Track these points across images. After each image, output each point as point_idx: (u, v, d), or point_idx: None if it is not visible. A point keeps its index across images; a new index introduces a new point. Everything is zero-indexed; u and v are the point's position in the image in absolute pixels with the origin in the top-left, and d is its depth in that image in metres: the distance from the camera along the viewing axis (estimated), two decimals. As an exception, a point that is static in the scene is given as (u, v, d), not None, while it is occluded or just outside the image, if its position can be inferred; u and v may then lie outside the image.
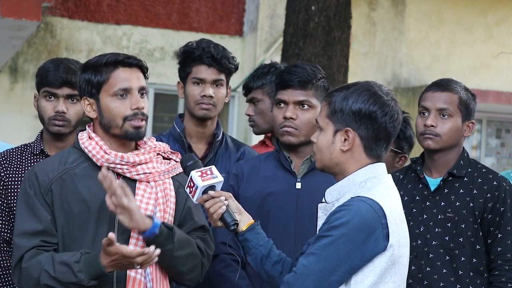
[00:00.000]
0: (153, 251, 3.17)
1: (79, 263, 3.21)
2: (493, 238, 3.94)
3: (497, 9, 12.05)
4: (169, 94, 10.97)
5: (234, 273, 3.77)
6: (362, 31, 11.64)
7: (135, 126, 3.37)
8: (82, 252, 3.25)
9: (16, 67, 10.73)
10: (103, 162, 3.36)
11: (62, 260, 3.24)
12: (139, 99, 3.38)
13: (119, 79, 3.37)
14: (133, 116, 3.36)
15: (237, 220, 3.18)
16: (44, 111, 4.02)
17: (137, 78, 3.41)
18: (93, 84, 3.38)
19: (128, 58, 3.40)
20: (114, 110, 3.36)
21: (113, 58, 3.38)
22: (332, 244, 2.87)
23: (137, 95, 3.38)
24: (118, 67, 3.38)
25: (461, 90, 4.07)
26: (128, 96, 3.37)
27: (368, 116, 2.99)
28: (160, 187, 3.42)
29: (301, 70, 3.88)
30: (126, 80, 3.37)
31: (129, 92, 3.37)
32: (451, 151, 4.07)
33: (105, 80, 3.37)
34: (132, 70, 3.40)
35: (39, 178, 3.37)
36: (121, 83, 3.36)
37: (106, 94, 3.37)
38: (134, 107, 3.36)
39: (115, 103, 3.37)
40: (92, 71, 3.39)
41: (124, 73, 3.38)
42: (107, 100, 3.37)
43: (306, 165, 3.90)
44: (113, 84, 3.36)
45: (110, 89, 3.37)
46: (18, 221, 3.38)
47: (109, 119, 3.38)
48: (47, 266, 3.25)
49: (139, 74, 3.43)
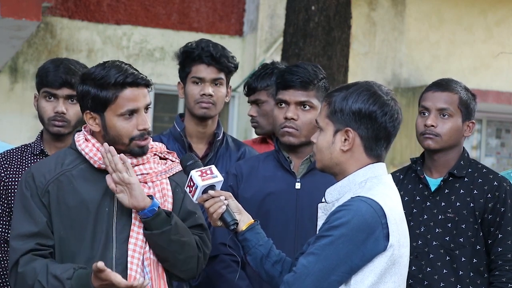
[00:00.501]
0: (141, 283, 3.19)
1: (71, 280, 3.21)
2: (493, 239, 3.94)
3: (497, 9, 12.05)
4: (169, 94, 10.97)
5: (233, 273, 3.76)
6: (362, 31, 11.64)
7: (141, 145, 3.37)
8: (76, 267, 3.24)
9: (16, 67, 10.73)
10: (100, 164, 3.36)
11: (55, 274, 3.23)
12: (146, 119, 3.36)
13: (127, 100, 3.32)
14: (140, 137, 3.35)
15: (237, 220, 3.18)
16: (44, 112, 4.02)
17: (144, 97, 3.36)
18: (99, 100, 3.33)
19: (137, 79, 3.34)
20: (121, 131, 3.34)
21: (121, 78, 3.31)
22: (332, 244, 2.87)
23: (144, 115, 3.35)
24: (126, 87, 3.32)
25: (461, 90, 4.07)
26: (134, 116, 3.34)
27: (368, 116, 2.99)
28: (158, 188, 3.42)
29: (303, 70, 3.87)
30: (134, 100, 3.32)
31: (136, 112, 3.34)
32: (451, 151, 4.07)
33: (112, 100, 3.31)
34: (139, 89, 3.35)
35: (35, 180, 3.36)
36: (129, 104, 3.32)
37: (113, 114, 3.33)
38: (141, 128, 3.34)
39: (121, 123, 3.33)
40: (98, 87, 3.32)
41: (132, 93, 3.33)
42: (113, 120, 3.33)
43: (306, 165, 3.89)
44: (120, 104, 3.32)
45: (117, 109, 3.32)
46: (14, 223, 3.39)
47: (115, 137, 3.35)
48: (40, 276, 3.25)
49: (145, 92, 3.38)
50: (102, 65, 3.37)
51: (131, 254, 3.32)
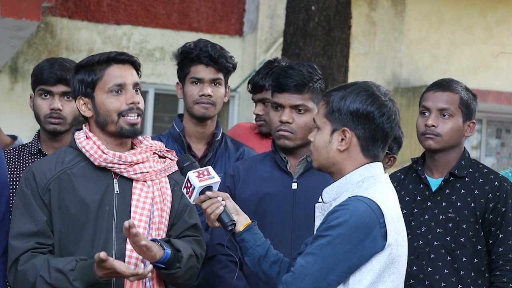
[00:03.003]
0: (147, 271, 3.22)
1: (75, 271, 3.22)
2: (494, 239, 3.94)
3: (497, 9, 12.04)
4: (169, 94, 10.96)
5: (231, 274, 3.77)
6: (362, 31, 11.63)
7: (131, 123, 3.38)
8: (77, 259, 3.26)
9: (16, 67, 10.73)
10: (100, 162, 3.37)
11: (57, 267, 3.25)
12: (134, 94, 3.40)
13: (113, 76, 3.39)
14: (129, 111, 3.38)
15: (234, 221, 3.18)
16: (40, 109, 4.03)
17: (131, 74, 3.43)
18: (87, 83, 3.40)
19: (121, 55, 3.43)
20: (109, 106, 3.38)
21: (105, 55, 3.40)
22: (330, 244, 2.87)
23: (132, 91, 3.40)
24: (112, 64, 3.40)
25: (462, 90, 4.07)
26: (122, 92, 3.39)
27: (365, 116, 2.99)
28: (157, 186, 3.43)
29: (298, 73, 3.86)
30: (120, 76, 3.39)
31: (124, 88, 3.39)
32: (452, 151, 4.06)
33: (99, 78, 3.39)
34: (125, 66, 3.43)
35: (36, 178, 3.37)
36: (115, 79, 3.38)
37: (101, 92, 3.39)
38: (130, 102, 3.38)
39: (110, 99, 3.38)
40: (86, 71, 3.41)
41: (118, 70, 3.40)
42: (102, 97, 3.39)
43: (302, 166, 3.89)
44: (107, 80, 3.38)
45: (105, 85, 3.38)
46: (14, 221, 3.39)
47: (105, 116, 3.38)
48: (42, 271, 3.26)
49: (133, 71, 3.45)
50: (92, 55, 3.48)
51: (128, 254, 3.33)
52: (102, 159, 3.37)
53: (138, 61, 3.50)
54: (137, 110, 3.40)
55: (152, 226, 3.39)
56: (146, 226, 3.38)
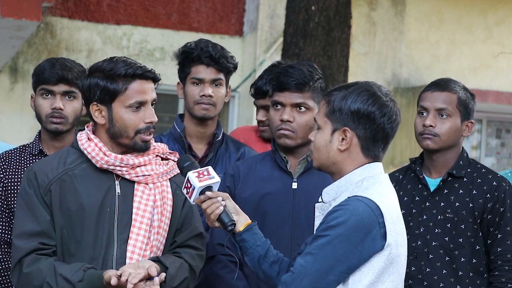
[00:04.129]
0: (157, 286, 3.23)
1: (83, 282, 3.22)
2: (493, 239, 3.94)
3: (497, 9, 12.04)
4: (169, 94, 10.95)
5: (231, 274, 3.77)
6: (362, 31, 11.63)
7: (145, 140, 3.39)
8: (85, 268, 3.25)
9: (16, 67, 10.72)
10: (102, 164, 3.37)
11: (65, 276, 3.24)
12: (153, 112, 3.40)
13: (135, 92, 3.36)
14: (146, 130, 3.38)
15: (234, 221, 3.19)
16: (41, 109, 4.03)
17: (152, 91, 3.42)
18: (107, 92, 3.35)
19: (146, 72, 3.39)
20: (128, 122, 3.36)
21: (132, 70, 3.35)
22: (329, 243, 2.87)
23: (151, 109, 3.40)
24: (136, 79, 3.37)
25: (460, 89, 4.06)
26: (142, 109, 3.38)
27: (366, 116, 2.99)
28: (158, 189, 3.43)
29: (298, 72, 3.87)
30: (142, 93, 3.37)
31: (144, 105, 3.38)
32: (450, 151, 4.06)
33: (121, 91, 3.35)
34: (147, 82, 3.40)
35: (38, 178, 3.37)
36: (137, 96, 3.36)
37: (121, 105, 3.36)
38: (148, 121, 3.38)
39: (129, 115, 3.36)
40: (107, 79, 3.36)
41: (141, 86, 3.37)
42: (121, 111, 3.36)
43: (302, 165, 3.90)
44: (130, 96, 3.35)
45: (126, 100, 3.35)
46: (17, 221, 3.39)
47: (121, 129, 3.37)
48: (49, 278, 3.25)
49: (153, 86, 3.43)
50: (110, 59, 3.42)
51: (129, 255, 3.33)
52: (103, 161, 3.37)
53: (160, 77, 3.47)
54: (153, 128, 3.41)
55: (151, 230, 3.39)
56: (147, 228, 3.38)
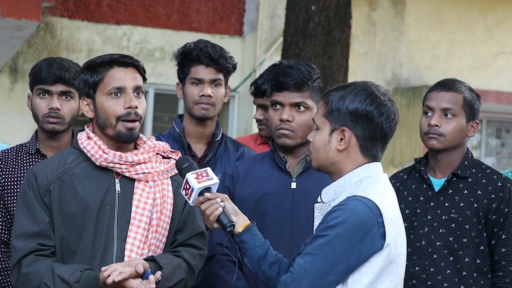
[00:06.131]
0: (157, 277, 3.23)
1: (80, 283, 3.23)
2: (497, 239, 3.94)
3: (497, 9, 12.04)
4: (169, 94, 10.96)
5: (230, 274, 3.77)
6: (362, 31, 11.63)
7: (128, 127, 3.38)
8: (82, 269, 3.26)
9: (16, 67, 10.72)
10: (101, 162, 3.38)
11: (62, 277, 3.25)
12: (133, 98, 3.39)
13: (113, 78, 3.38)
14: (126, 116, 3.37)
15: (233, 222, 3.19)
16: (38, 109, 4.03)
17: (133, 78, 3.41)
18: (89, 84, 3.41)
19: (124, 58, 3.41)
20: (108, 109, 3.38)
21: (108, 57, 3.40)
22: (329, 243, 2.87)
23: (131, 94, 3.39)
24: (114, 66, 3.40)
25: (465, 90, 4.06)
26: (122, 95, 3.38)
27: (364, 116, 2.99)
28: (158, 188, 3.43)
29: (297, 72, 3.87)
30: (120, 79, 3.39)
31: (123, 91, 3.38)
32: (455, 151, 4.06)
33: (100, 79, 3.39)
34: (127, 69, 3.41)
35: (37, 179, 3.38)
36: (115, 82, 3.38)
37: (101, 93, 3.39)
38: (127, 106, 3.37)
39: (109, 102, 3.38)
40: (89, 71, 3.41)
41: (119, 73, 3.40)
42: (102, 99, 3.39)
43: (301, 165, 3.90)
44: (107, 83, 3.38)
45: (105, 88, 3.38)
46: (17, 222, 3.40)
47: (104, 119, 3.39)
48: (46, 279, 3.26)
49: (136, 75, 3.43)
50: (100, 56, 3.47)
51: (127, 253, 3.33)
52: (103, 159, 3.38)
53: (142, 65, 3.48)
54: (135, 115, 3.38)
55: (149, 228, 3.39)
56: (146, 226, 3.38)
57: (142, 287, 3.19)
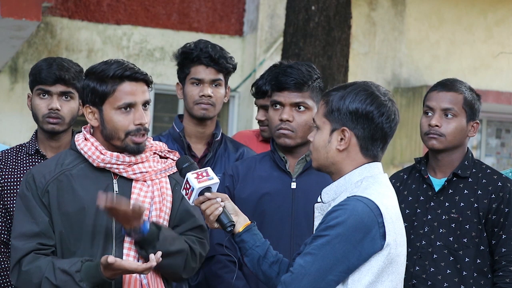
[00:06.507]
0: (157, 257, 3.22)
1: (81, 273, 3.23)
2: (497, 239, 3.93)
3: (497, 9, 12.04)
4: (169, 94, 10.96)
5: (230, 274, 3.77)
6: (362, 31, 11.63)
7: (136, 142, 3.39)
8: (83, 260, 3.27)
9: (16, 67, 10.72)
10: (99, 163, 3.39)
11: (63, 268, 3.25)
12: (143, 114, 3.38)
13: (124, 93, 3.36)
14: (136, 132, 3.37)
15: (233, 222, 3.19)
16: (38, 109, 4.03)
17: (142, 92, 3.40)
18: (97, 94, 3.37)
19: (135, 73, 3.38)
20: (117, 124, 3.37)
21: (120, 71, 3.36)
22: (329, 243, 2.87)
23: (141, 110, 3.38)
24: (125, 80, 3.36)
25: (466, 90, 4.06)
26: (132, 111, 3.37)
27: (364, 116, 2.99)
28: (157, 186, 3.44)
29: (297, 72, 3.88)
30: (131, 94, 3.36)
31: (134, 107, 3.37)
32: (456, 151, 4.06)
33: (110, 92, 3.36)
34: (138, 84, 3.39)
35: (36, 180, 3.39)
36: (126, 98, 3.36)
37: (110, 107, 3.37)
38: (138, 123, 3.37)
39: (118, 117, 3.36)
40: (98, 81, 3.37)
41: (130, 87, 3.37)
42: (110, 113, 3.37)
43: (301, 165, 3.90)
44: (118, 97, 3.36)
45: (115, 102, 3.36)
46: (16, 222, 3.41)
47: (112, 131, 3.38)
48: (47, 273, 3.27)
49: (144, 88, 3.42)
50: (105, 61, 3.43)
51: (126, 252, 3.34)
52: (100, 160, 3.38)
53: (151, 79, 3.46)
54: (144, 130, 3.39)
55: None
56: (144, 225, 3.39)
57: (143, 266, 3.20)
